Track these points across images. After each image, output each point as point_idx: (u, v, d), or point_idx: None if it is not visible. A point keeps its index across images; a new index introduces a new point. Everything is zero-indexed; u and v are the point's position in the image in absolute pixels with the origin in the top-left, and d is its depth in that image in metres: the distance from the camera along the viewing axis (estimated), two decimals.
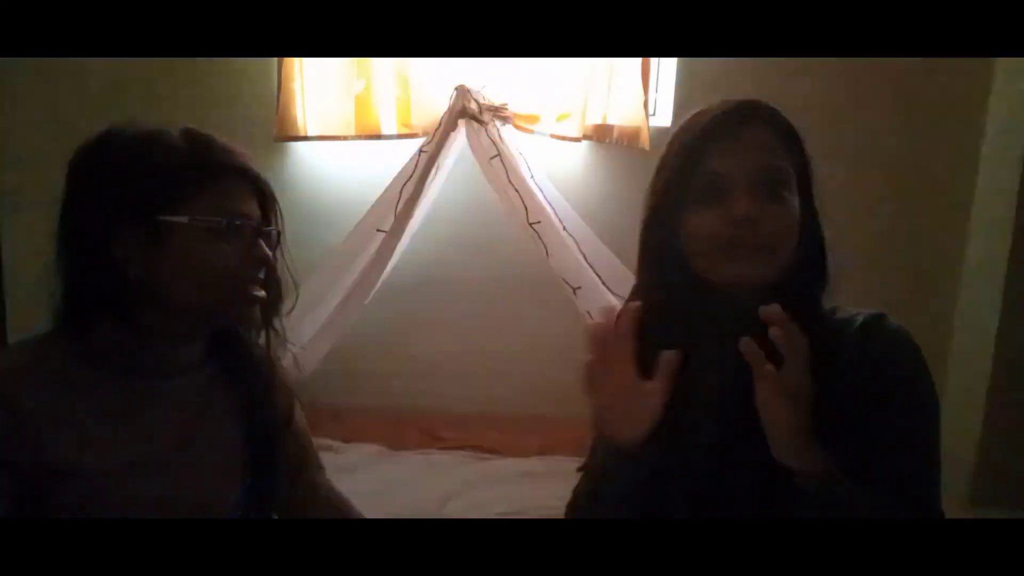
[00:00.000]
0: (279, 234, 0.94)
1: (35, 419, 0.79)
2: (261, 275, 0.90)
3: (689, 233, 0.85)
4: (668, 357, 0.83)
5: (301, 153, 2.43)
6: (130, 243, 0.83)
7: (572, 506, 0.92)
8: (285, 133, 2.36)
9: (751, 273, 0.83)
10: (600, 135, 2.33)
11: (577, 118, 2.28)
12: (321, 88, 2.34)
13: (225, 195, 0.86)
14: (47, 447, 0.80)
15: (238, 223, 0.86)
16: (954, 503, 2.11)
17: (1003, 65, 2.19)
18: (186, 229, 0.84)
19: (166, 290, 0.85)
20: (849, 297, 0.89)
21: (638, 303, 0.86)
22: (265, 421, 0.97)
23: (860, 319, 0.86)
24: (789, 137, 0.86)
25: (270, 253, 0.89)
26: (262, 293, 0.90)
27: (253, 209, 0.89)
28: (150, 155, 0.86)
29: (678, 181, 0.86)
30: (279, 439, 0.99)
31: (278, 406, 1.00)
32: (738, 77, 2.24)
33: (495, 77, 2.27)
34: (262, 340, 0.97)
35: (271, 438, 0.97)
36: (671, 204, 0.86)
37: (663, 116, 2.42)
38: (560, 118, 2.30)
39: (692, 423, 0.87)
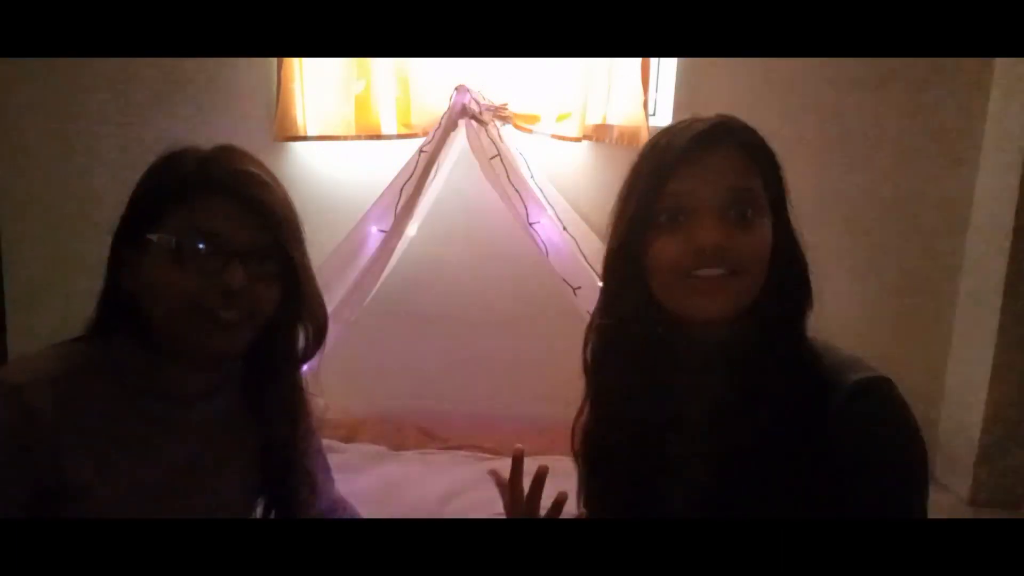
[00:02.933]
0: (292, 256, 0.85)
1: (57, 434, 0.78)
2: (231, 299, 0.80)
3: (653, 261, 0.82)
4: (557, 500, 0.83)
5: (301, 153, 2.43)
6: (124, 259, 0.83)
7: None
8: (285, 133, 2.36)
9: (714, 307, 0.79)
10: (600, 135, 2.33)
11: (577, 118, 2.28)
12: (321, 88, 2.34)
13: (201, 214, 0.80)
14: (64, 465, 0.78)
15: (198, 244, 0.79)
16: (954, 503, 2.11)
17: (1003, 65, 2.19)
18: (155, 247, 0.80)
19: (146, 309, 0.82)
20: (850, 297, 0.89)
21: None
22: (283, 456, 0.93)
23: (850, 382, 0.78)
24: (760, 155, 0.82)
25: (240, 277, 0.79)
26: (228, 316, 0.80)
27: (235, 230, 0.80)
28: (156, 173, 0.84)
29: (643, 205, 0.82)
30: (296, 474, 0.95)
31: (299, 442, 0.95)
32: (738, 77, 2.24)
33: (495, 77, 2.27)
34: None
35: (288, 473, 0.94)
36: (636, 229, 0.83)
37: (663, 116, 2.42)
38: (560, 118, 2.30)
39: (667, 453, 0.86)
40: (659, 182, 0.81)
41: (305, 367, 0.96)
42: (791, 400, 0.78)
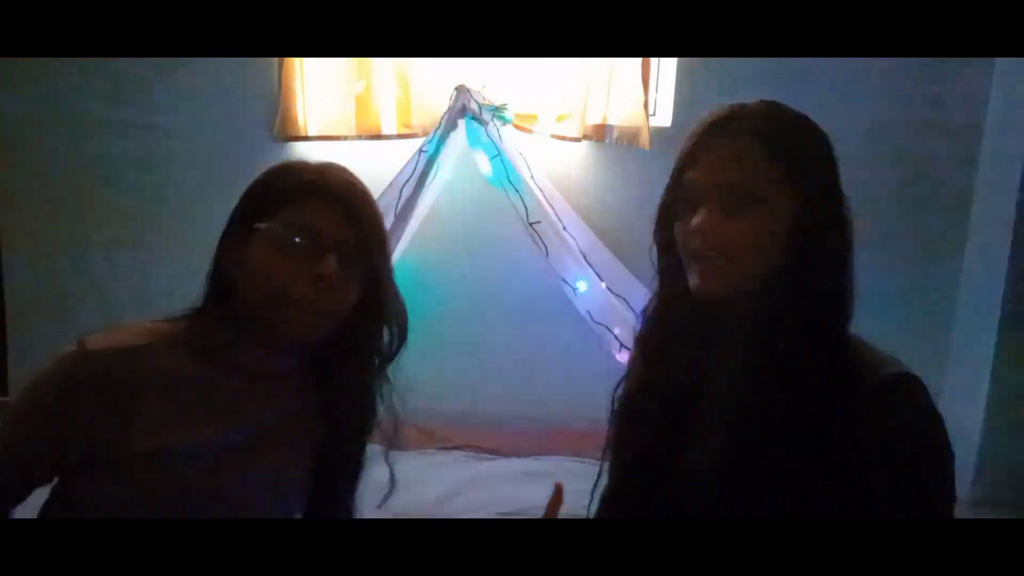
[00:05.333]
0: (378, 262, 0.92)
1: (120, 399, 0.84)
2: (321, 292, 0.87)
3: (676, 240, 0.88)
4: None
5: (301, 153, 2.43)
6: (230, 244, 0.90)
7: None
8: (286, 133, 2.36)
9: (711, 286, 0.83)
10: (600, 135, 2.33)
11: (577, 118, 2.28)
12: (321, 88, 2.34)
13: (305, 210, 0.88)
14: (134, 422, 0.84)
15: (298, 236, 0.87)
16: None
17: (1003, 65, 2.19)
18: (260, 236, 0.88)
19: (241, 292, 0.89)
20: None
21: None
22: (344, 448, 0.98)
23: (880, 377, 0.80)
24: (781, 144, 0.83)
25: (332, 267, 0.87)
26: (314, 304, 0.87)
27: (332, 229, 0.88)
28: (270, 176, 0.92)
29: (670, 189, 0.88)
30: (353, 469, 1.00)
31: (363, 434, 1.00)
32: (738, 77, 2.24)
33: (495, 77, 2.27)
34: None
35: (344, 465, 0.99)
36: (663, 213, 0.90)
37: (663, 116, 2.42)
38: (560, 118, 2.30)
39: (692, 427, 0.88)
40: (677, 171, 0.87)
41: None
42: (815, 381, 0.80)
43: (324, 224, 0.88)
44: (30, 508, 0.88)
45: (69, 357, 0.84)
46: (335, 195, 0.90)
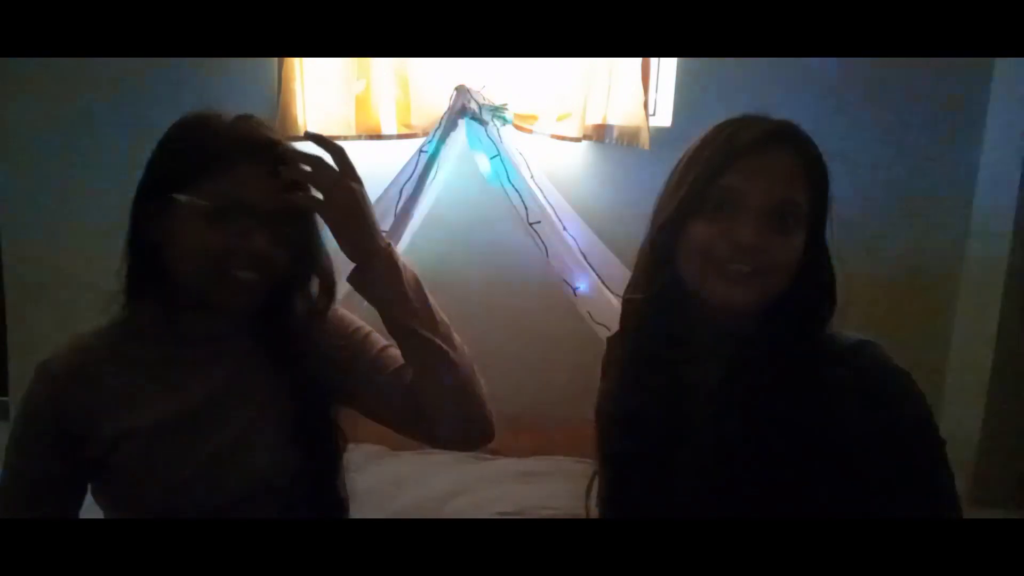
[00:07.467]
0: (304, 221, 0.92)
1: (83, 392, 0.89)
2: (253, 261, 0.87)
3: (689, 241, 0.84)
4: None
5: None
6: (151, 218, 0.89)
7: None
8: (286, 133, 2.36)
9: (739, 297, 0.82)
10: (600, 135, 2.33)
11: (577, 118, 2.28)
12: (321, 88, 2.34)
13: (233, 180, 0.86)
14: (109, 415, 0.89)
15: (227, 210, 0.85)
16: None
17: (1003, 65, 2.19)
18: (186, 209, 0.86)
19: (172, 265, 0.89)
20: (849, 298, 0.89)
21: None
22: (304, 386, 0.97)
23: (844, 346, 0.84)
24: (813, 169, 0.84)
25: (264, 242, 0.87)
26: (248, 277, 0.87)
27: (259, 196, 0.87)
28: (183, 136, 0.91)
29: (695, 189, 0.84)
30: (320, 404, 0.99)
31: (317, 372, 0.99)
32: (738, 77, 2.24)
33: (495, 77, 2.27)
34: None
35: (312, 403, 0.98)
36: (682, 211, 0.85)
37: (663, 116, 2.42)
38: (560, 118, 2.30)
39: (672, 438, 0.88)
40: (716, 171, 0.83)
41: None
42: (797, 401, 0.81)
43: (251, 194, 0.87)
44: None
45: (34, 376, 0.91)
46: (253, 156, 0.88)
